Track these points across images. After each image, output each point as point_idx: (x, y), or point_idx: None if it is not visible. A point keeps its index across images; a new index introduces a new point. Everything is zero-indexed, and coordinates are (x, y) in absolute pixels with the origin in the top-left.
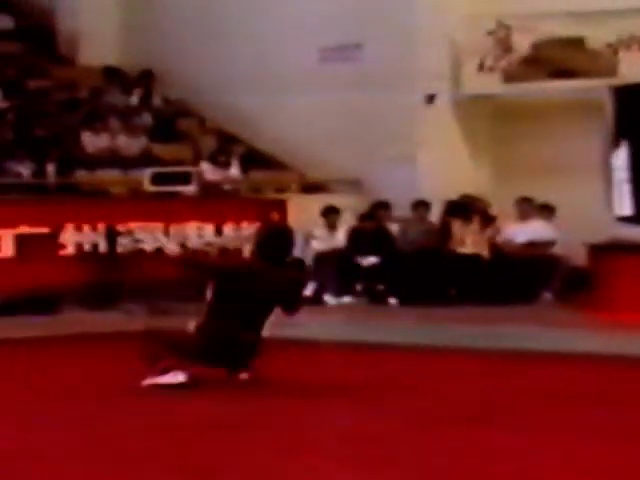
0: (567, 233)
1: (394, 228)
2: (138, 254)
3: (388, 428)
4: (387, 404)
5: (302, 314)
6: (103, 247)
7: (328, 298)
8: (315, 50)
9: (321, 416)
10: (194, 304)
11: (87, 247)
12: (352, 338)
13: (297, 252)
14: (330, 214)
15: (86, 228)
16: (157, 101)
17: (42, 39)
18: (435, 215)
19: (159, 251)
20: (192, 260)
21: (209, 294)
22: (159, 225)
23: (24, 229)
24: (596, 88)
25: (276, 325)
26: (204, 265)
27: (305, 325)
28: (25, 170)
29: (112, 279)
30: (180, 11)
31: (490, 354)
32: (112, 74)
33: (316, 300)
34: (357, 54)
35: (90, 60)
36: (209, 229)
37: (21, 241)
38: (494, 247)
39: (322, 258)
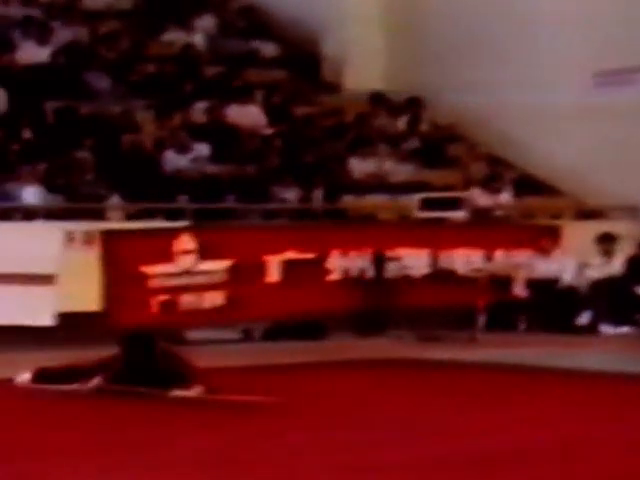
0: None
1: None
2: (405, 280)
3: None
4: None
5: (577, 343)
6: (370, 273)
7: (604, 327)
8: (589, 75)
9: None
10: (464, 331)
11: (354, 273)
12: (629, 369)
13: (569, 279)
14: (606, 241)
15: (353, 254)
16: (425, 126)
17: (307, 66)
18: None
19: (427, 277)
20: None
21: None
22: (427, 251)
23: (290, 254)
24: None
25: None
26: None
27: (580, 355)
28: (292, 196)
29: (380, 305)
30: (447, 35)
31: None
32: (378, 99)
33: (592, 329)
34: (636, 78)
35: (355, 86)
36: (478, 255)
37: (287, 266)
38: None
39: (597, 286)
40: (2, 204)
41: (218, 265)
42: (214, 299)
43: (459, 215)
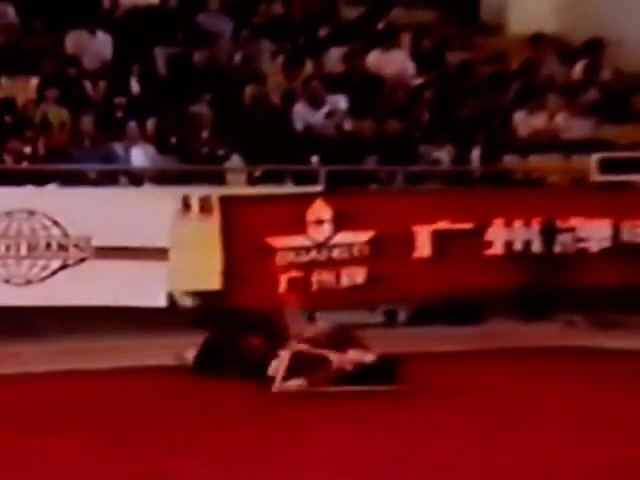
0: None
1: None
2: (580, 255)
3: None
4: None
5: None
6: (538, 246)
7: None
8: None
9: None
10: None
11: (518, 246)
12: None
13: None
14: None
15: (517, 224)
16: (607, 74)
17: (463, 5)
18: None
19: (606, 252)
20: None
21: None
22: (607, 221)
23: (443, 225)
24: None
25: None
26: None
27: None
28: (445, 156)
29: (549, 284)
30: None
31: None
32: (549, 43)
33: None
34: None
35: (521, 28)
36: None
37: (440, 239)
38: None
39: None
40: (107, 166)
41: (357, 237)
42: (353, 277)
43: None
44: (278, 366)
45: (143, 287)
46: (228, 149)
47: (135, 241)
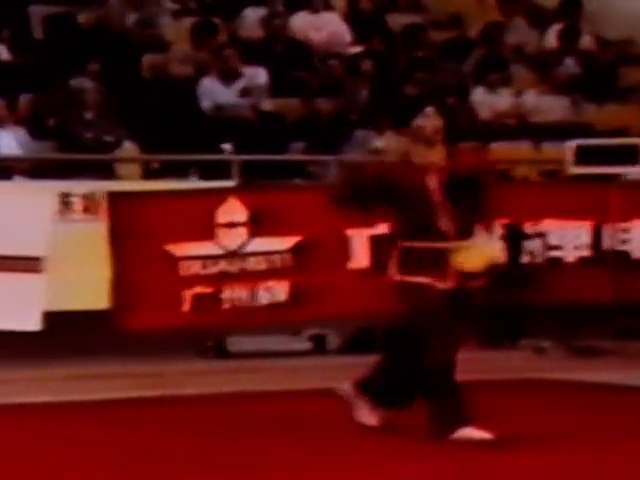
0: None
1: None
2: (552, 266)
3: None
4: None
5: None
6: (502, 257)
7: None
8: None
9: None
10: (635, 342)
11: None
12: None
13: None
14: None
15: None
16: (588, 42)
17: None
18: None
19: (585, 262)
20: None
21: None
22: (586, 224)
23: (384, 228)
24: None
25: None
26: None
27: None
28: (387, 144)
29: (514, 302)
30: None
31: None
32: (516, 3)
33: None
34: None
35: None
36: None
37: (379, 245)
38: None
39: None
40: None
41: (278, 244)
42: (272, 292)
43: (635, 171)
44: None
45: (11, 306)
46: (119, 134)
47: (1, 249)
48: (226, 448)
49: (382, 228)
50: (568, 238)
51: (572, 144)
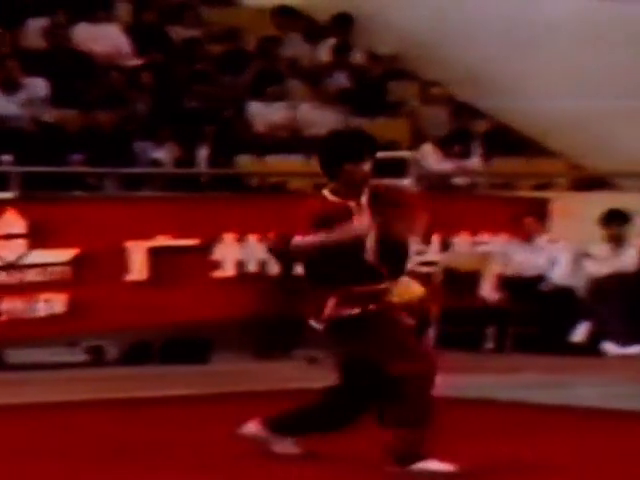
0: None
1: None
2: None
3: None
4: None
5: (572, 368)
6: (274, 267)
7: (609, 346)
8: None
9: None
10: None
11: (252, 267)
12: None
13: (563, 276)
14: (614, 222)
15: (252, 239)
16: (359, 57)
17: None
18: None
19: None
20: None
21: None
22: None
23: (162, 240)
24: None
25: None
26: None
27: (576, 385)
28: (166, 156)
29: (288, 313)
30: None
31: None
32: (291, 17)
33: (591, 348)
34: None
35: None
36: (432, 241)
37: (158, 257)
38: None
39: (602, 288)
40: None
41: (57, 256)
42: (50, 304)
43: (404, 183)
44: None
45: None
46: None
47: None
48: None
49: (161, 240)
50: None
51: None
